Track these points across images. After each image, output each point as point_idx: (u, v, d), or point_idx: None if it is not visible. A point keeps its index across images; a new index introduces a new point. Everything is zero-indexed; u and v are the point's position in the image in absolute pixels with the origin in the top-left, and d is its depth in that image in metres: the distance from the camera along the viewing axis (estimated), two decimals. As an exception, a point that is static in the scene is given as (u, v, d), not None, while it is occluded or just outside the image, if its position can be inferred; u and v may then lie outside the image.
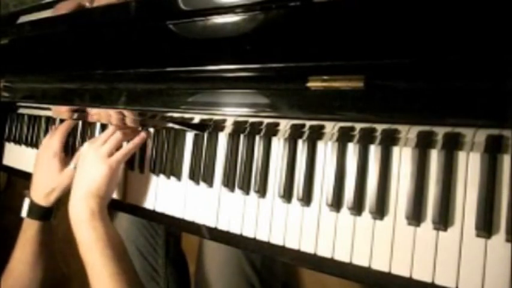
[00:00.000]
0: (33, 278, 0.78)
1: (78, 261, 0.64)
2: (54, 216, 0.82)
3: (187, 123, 0.69)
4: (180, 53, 0.63)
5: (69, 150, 0.87)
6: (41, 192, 0.79)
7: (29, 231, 0.79)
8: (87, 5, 0.75)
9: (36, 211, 0.79)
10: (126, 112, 0.71)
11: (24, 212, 0.80)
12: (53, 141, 0.82)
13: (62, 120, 0.94)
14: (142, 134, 0.74)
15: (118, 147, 0.72)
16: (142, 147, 0.77)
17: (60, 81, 0.84)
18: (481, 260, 0.45)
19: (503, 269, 0.44)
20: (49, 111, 0.96)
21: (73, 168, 0.79)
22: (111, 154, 0.70)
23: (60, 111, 0.88)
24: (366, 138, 0.53)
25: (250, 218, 0.62)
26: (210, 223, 0.66)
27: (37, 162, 0.83)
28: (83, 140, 0.88)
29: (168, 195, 0.72)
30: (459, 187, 0.48)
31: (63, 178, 0.79)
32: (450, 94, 0.43)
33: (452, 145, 0.47)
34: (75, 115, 0.86)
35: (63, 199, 0.81)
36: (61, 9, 0.79)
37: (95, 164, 0.68)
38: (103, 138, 0.72)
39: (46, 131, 0.98)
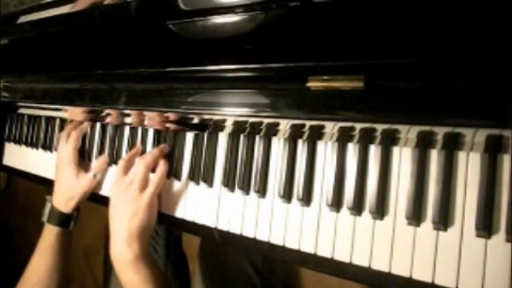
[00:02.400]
0: (51, 285, 0.78)
1: (77, 264, 0.64)
2: (74, 223, 0.82)
3: (187, 123, 0.69)
4: (180, 53, 0.63)
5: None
6: (61, 199, 0.80)
7: (48, 237, 0.79)
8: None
9: (56, 217, 0.79)
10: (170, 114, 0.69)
11: (44, 217, 0.80)
12: (67, 148, 0.81)
13: (62, 121, 0.95)
14: (162, 161, 0.70)
15: (147, 179, 0.70)
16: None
17: (60, 81, 0.84)
18: (481, 260, 0.45)
19: (503, 269, 0.44)
20: (49, 111, 0.96)
21: (92, 176, 0.79)
22: (142, 190, 0.67)
23: (75, 112, 0.87)
24: (366, 138, 0.53)
25: (250, 218, 0.62)
26: (210, 223, 0.66)
27: (56, 170, 0.83)
28: (83, 140, 0.88)
29: (168, 195, 0.72)
30: (459, 187, 0.48)
31: (82, 185, 0.79)
32: (450, 94, 0.43)
33: (452, 145, 0.47)
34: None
35: (82, 208, 0.82)
36: (79, 4, 0.78)
37: (130, 205, 0.66)
38: (130, 175, 0.69)
39: (46, 131, 0.98)
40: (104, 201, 0.77)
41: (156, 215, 0.69)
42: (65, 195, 0.79)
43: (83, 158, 0.86)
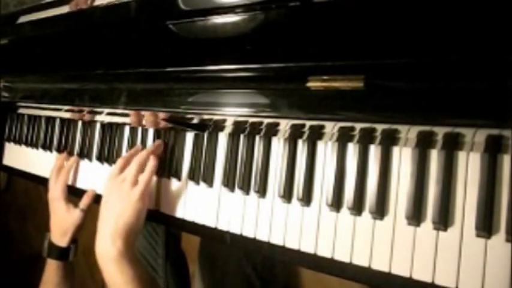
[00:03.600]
0: None
1: (77, 264, 0.63)
2: (74, 255, 0.84)
3: (187, 123, 0.69)
4: (180, 53, 0.63)
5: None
6: (57, 234, 0.82)
7: (50, 271, 0.81)
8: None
9: (55, 251, 0.81)
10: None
11: (44, 252, 0.83)
12: (57, 187, 0.83)
13: (62, 121, 0.95)
14: (152, 158, 0.70)
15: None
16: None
17: (60, 81, 0.85)
18: (481, 260, 0.45)
19: (503, 269, 0.44)
20: (49, 111, 0.96)
21: (80, 211, 0.80)
22: (134, 187, 0.67)
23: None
24: (366, 138, 0.53)
25: (250, 218, 0.62)
26: (210, 223, 0.66)
27: (50, 206, 0.85)
28: (83, 140, 0.88)
29: (168, 195, 0.72)
30: (459, 187, 0.47)
31: (72, 220, 0.80)
32: (450, 94, 0.43)
33: (452, 145, 0.47)
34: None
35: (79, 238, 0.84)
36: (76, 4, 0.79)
37: (120, 202, 0.66)
38: (124, 173, 0.69)
39: (46, 131, 0.98)
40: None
41: (144, 214, 0.68)
42: (60, 230, 0.81)
43: (83, 159, 0.86)
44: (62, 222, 0.81)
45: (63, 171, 0.85)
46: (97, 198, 0.82)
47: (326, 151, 0.57)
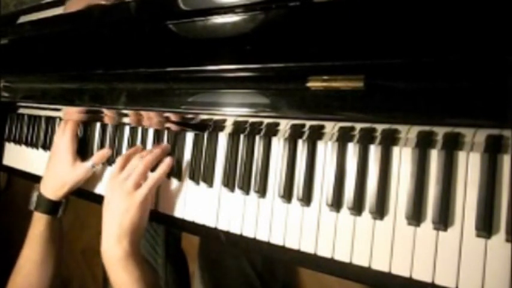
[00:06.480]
0: (42, 277, 0.77)
1: (77, 263, 0.63)
2: (63, 211, 0.81)
3: (187, 123, 0.69)
4: (180, 53, 0.63)
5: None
6: (51, 186, 0.79)
7: (37, 226, 0.79)
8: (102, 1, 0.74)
9: (44, 204, 0.79)
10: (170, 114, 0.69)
11: (32, 205, 0.80)
12: (64, 137, 0.82)
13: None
14: (168, 161, 0.70)
15: (144, 177, 0.69)
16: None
17: (60, 81, 0.84)
18: (481, 260, 0.45)
19: (503, 269, 0.44)
20: (49, 111, 0.96)
21: (90, 166, 0.79)
22: (137, 186, 0.67)
23: (73, 112, 0.87)
24: (366, 138, 0.53)
25: (250, 218, 0.62)
26: (210, 223, 0.66)
27: (50, 157, 0.83)
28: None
29: (168, 195, 0.72)
30: (459, 187, 0.48)
31: (76, 174, 0.78)
32: (450, 94, 0.43)
33: (452, 145, 0.47)
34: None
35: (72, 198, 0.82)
36: (72, 6, 0.78)
37: (123, 201, 0.66)
38: (127, 171, 0.69)
39: (46, 131, 0.98)
40: (103, 200, 0.77)
41: (148, 213, 0.68)
42: (56, 183, 0.79)
43: (82, 157, 0.86)
44: (63, 175, 0.79)
45: (70, 123, 0.83)
46: (98, 199, 0.81)
47: (326, 151, 0.57)
